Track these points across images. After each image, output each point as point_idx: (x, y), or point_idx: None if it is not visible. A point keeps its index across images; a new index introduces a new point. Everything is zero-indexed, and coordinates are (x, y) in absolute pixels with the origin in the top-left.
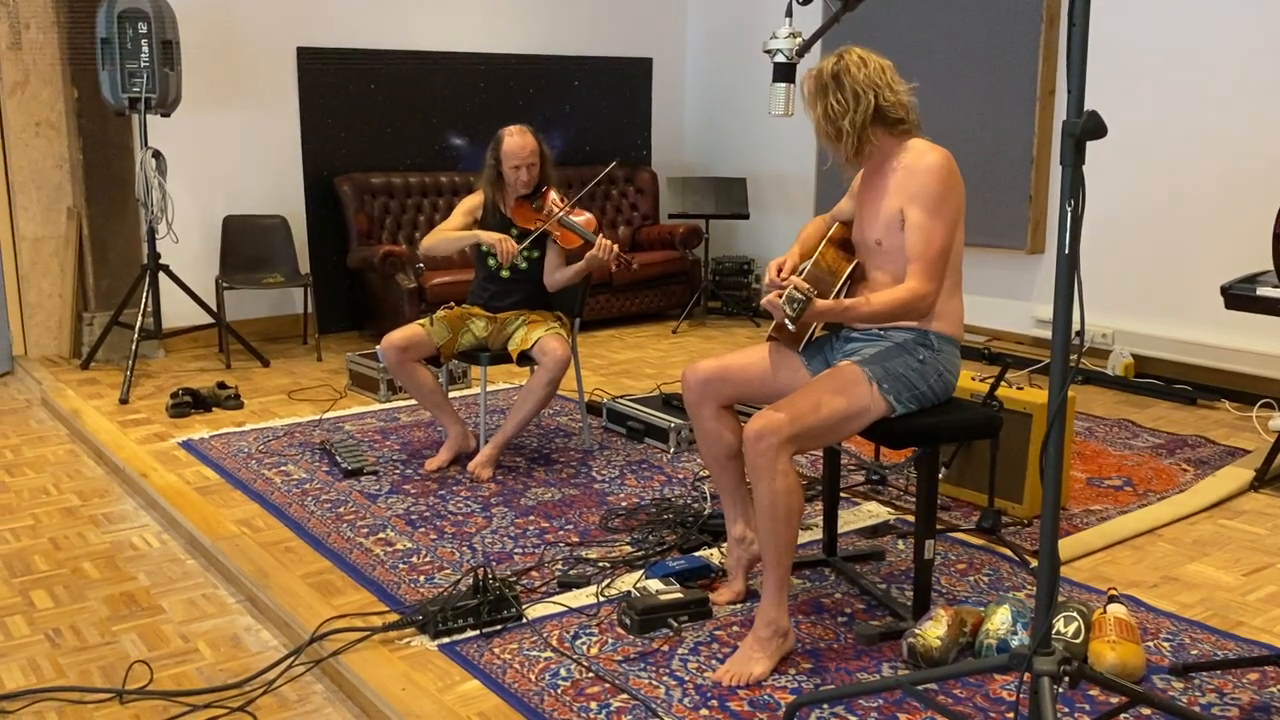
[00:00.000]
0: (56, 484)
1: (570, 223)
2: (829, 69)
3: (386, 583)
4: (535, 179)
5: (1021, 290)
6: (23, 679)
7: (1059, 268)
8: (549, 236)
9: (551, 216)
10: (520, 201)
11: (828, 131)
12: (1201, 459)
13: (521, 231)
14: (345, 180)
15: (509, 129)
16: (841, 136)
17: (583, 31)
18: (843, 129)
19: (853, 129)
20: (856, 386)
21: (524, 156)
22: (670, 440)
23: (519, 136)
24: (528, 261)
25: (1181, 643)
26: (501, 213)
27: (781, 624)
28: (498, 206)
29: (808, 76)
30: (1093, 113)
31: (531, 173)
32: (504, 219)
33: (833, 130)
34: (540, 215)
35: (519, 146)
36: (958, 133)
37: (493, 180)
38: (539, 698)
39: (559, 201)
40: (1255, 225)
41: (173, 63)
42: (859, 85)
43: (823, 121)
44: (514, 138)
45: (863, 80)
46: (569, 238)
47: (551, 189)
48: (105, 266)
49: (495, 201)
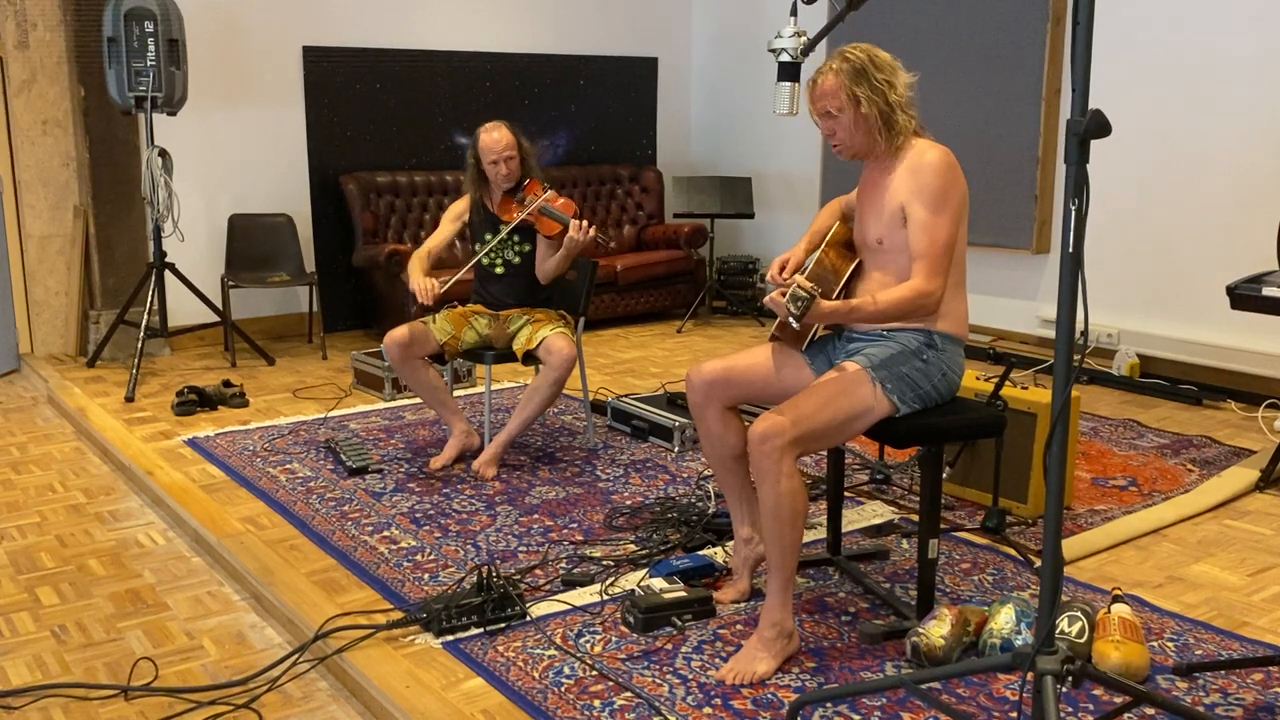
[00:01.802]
0: (62, 481)
1: (548, 210)
2: (858, 57)
3: (391, 580)
4: (516, 173)
5: (1027, 290)
6: (28, 675)
7: (1063, 267)
8: (535, 228)
9: (530, 206)
10: (505, 196)
11: (881, 112)
12: (1207, 459)
13: (507, 225)
14: (351, 179)
15: (485, 126)
16: (894, 115)
17: (588, 31)
18: (894, 103)
19: (896, 108)
20: (860, 387)
21: (500, 150)
22: (674, 439)
23: (494, 131)
24: (520, 256)
25: (1186, 643)
26: (488, 210)
27: (786, 626)
28: (484, 205)
29: (830, 75)
30: (1097, 111)
31: (510, 166)
32: (491, 216)
33: (885, 107)
34: (522, 207)
35: (494, 141)
36: (963, 132)
37: (476, 179)
38: (543, 696)
39: (540, 191)
40: (1261, 225)
41: (179, 62)
42: (888, 66)
43: (872, 101)
44: (489, 134)
45: (890, 61)
46: (548, 225)
47: (534, 181)
48: (111, 265)
49: (482, 200)
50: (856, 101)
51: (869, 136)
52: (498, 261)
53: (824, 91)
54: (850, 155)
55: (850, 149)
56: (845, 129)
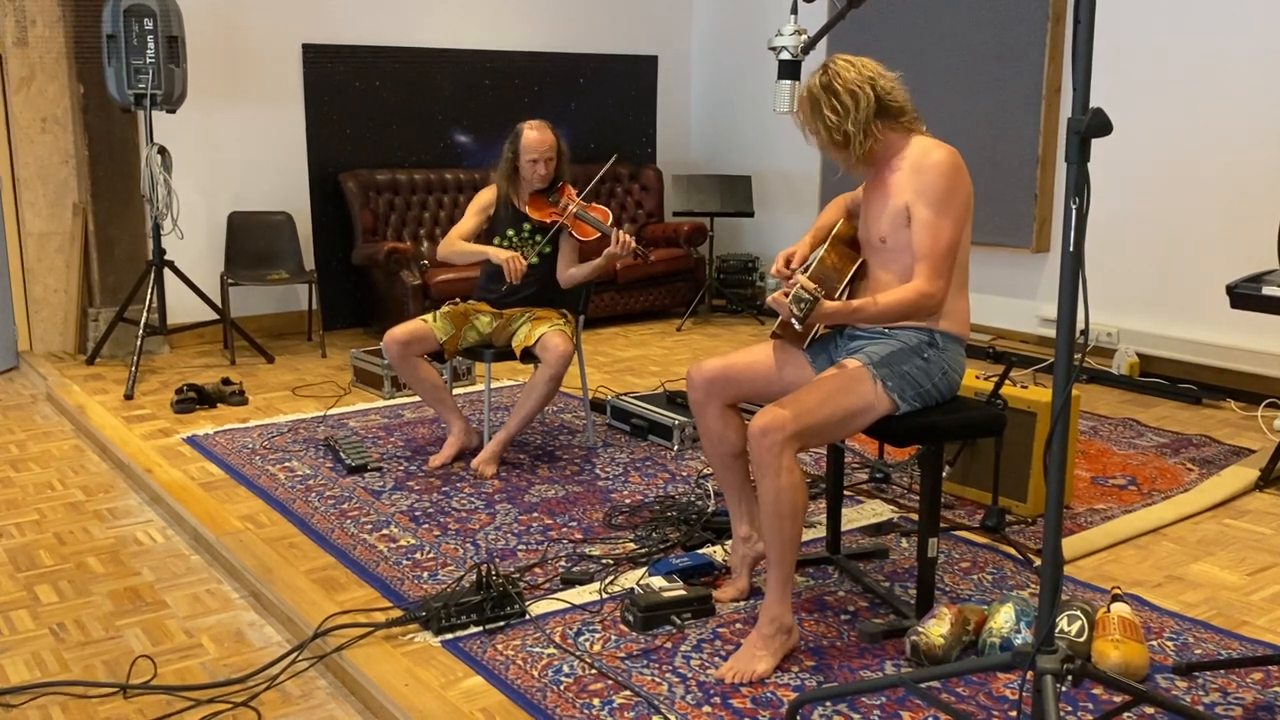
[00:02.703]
0: (61, 479)
1: (587, 216)
2: (817, 83)
3: (390, 579)
4: (551, 174)
5: (1027, 289)
6: (27, 673)
7: (1064, 266)
8: (565, 231)
9: (567, 210)
10: (535, 196)
11: (835, 140)
12: (1206, 458)
13: (536, 225)
14: (350, 177)
15: (529, 123)
16: (849, 141)
17: (588, 29)
18: (849, 132)
19: (857, 129)
20: (861, 384)
21: (543, 151)
22: (674, 438)
23: (539, 131)
24: (540, 257)
25: (1185, 642)
26: (514, 207)
27: (785, 621)
28: (511, 201)
29: (801, 101)
30: (1098, 110)
31: (549, 167)
32: (517, 213)
33: (840, 137)
34: (556, 209)
35: (539, 141)
36: (963, 131)
37: (508, 174)
38: (542, 694)
39: (575, 196)
40: (1261, 224)
41: (178, 59)
42: (852, 85)
43: (825, 132)
44: (534, 132)
45: (854, 79)
46: (585, 230)
47: (568, 184)
48: (111, 262)
49: (509, 196)
50: (818, 130)
51: (842, 154)
52: (515, 281)
53: (800, 114)
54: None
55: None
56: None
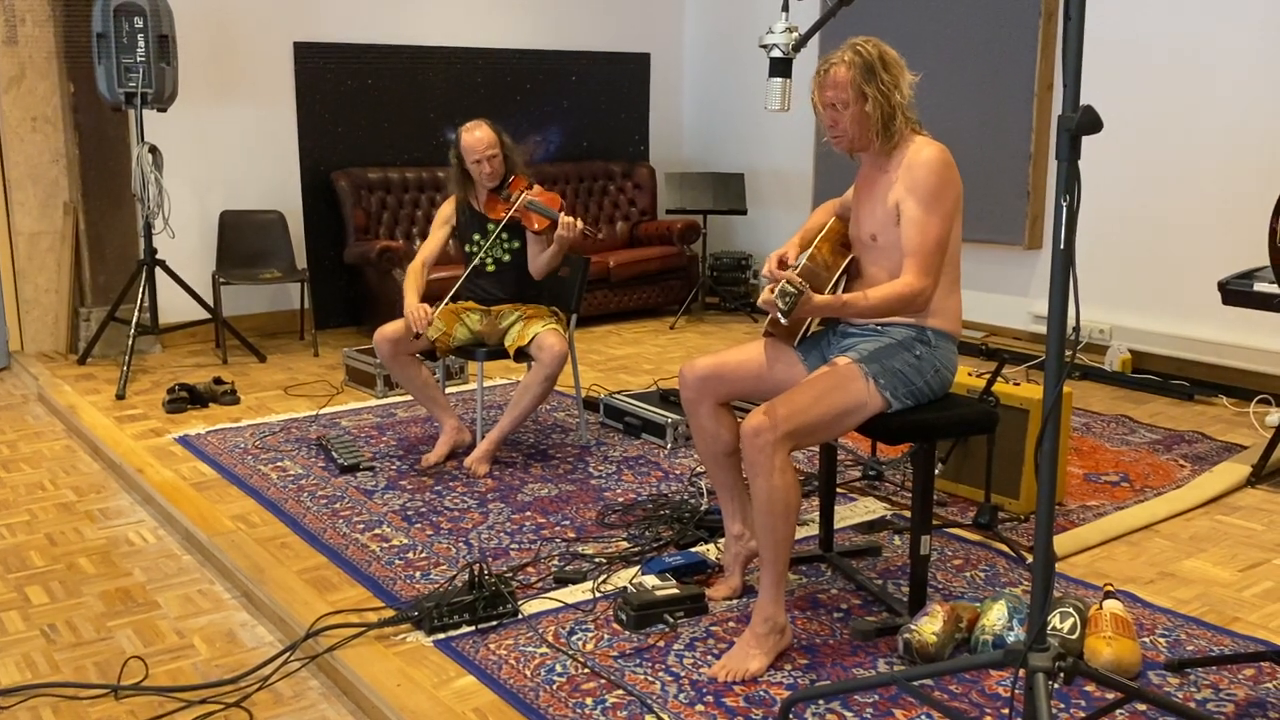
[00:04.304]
0: (53, 479)
1: (534, 205)
2: (869, 53)
3: (382, 578)
4: (500, 170)
5: (1019, 286)
6: (18, 674)
7: (1055, 263)
8: (519, 223)
9: (516, 203)
10: (491, 194)
11: (882, 111)
12: (1198, 455)
13: (498, 224)
14: (342, 175)
15: (466, 125)
16: (893, 115)
17: (581, 27)
18: (897, 104)
19: (898, 110)
20: (853, 382)
21: (482, 150)
22: (667, 436)
23: (475, 130)
24: (509, 253)
25: (1177, 638)
26: (475, 210)
27: (778, 620)
28: (470, 205)
29: (841, 66)
30: (1088, 108)
31: (494, 164)
32: (479, 216)
33: (889, 109)
34: (507, 204)
35: (476, 140)
36: (955, 128)
37: (460, 180)
38: (534, 693)
39: (524, 186)
40: (1253, 221)
41: (169, 58)
42: (896, 65)
43: (878, 97)
44: (470, 133)
45: (894, 60)
46: (535, 219)
47: (519, 177)
48: (102, 262)
49: (468, 200)
50: (863, 98)
51: (867, 133)
52: (489, 260)
53: (833, 82)
54: (846, 148)
55: (847, 142)
56: (847, 122)
